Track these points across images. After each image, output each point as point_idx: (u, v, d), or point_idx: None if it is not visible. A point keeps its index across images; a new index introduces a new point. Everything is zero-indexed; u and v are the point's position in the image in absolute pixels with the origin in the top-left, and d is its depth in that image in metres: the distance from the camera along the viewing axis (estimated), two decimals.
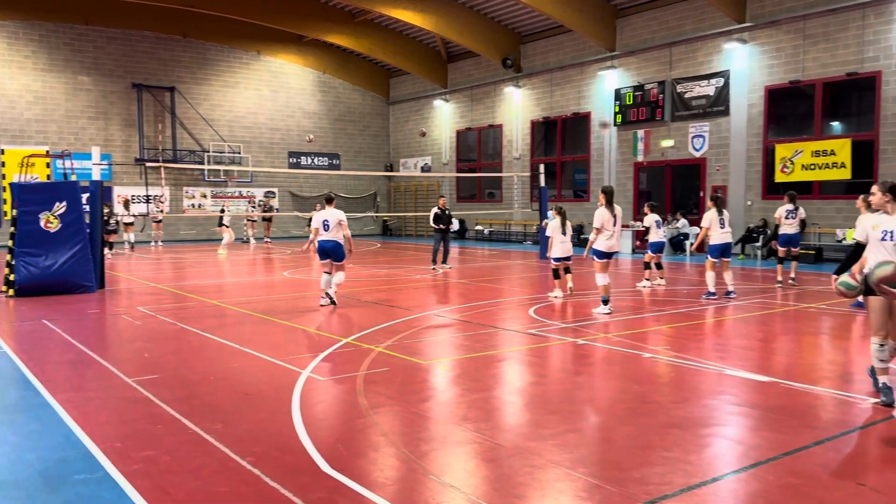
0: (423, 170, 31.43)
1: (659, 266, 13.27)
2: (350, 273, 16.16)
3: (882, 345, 5.54)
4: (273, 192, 30.19)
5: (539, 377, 6.69)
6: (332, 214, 10.64)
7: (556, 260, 11.83)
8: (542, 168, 20.94)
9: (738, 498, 3.86)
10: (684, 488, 3.92)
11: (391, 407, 5.57)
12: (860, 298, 5.75)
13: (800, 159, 18.19)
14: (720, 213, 11.79)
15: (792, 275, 13.28)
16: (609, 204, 10.25)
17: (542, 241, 20.10)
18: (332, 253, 10.60)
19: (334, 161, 31.85)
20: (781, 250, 13.35)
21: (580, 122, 24.64)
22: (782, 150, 18.57)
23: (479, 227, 29.00)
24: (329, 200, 11.01)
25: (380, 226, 33.71)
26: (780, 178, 18.67)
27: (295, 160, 30.79)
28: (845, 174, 17.47)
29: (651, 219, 13.27)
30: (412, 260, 19.85)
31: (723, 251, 11.76)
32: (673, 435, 4.86)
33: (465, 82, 29.10)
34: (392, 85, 33.24)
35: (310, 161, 31.17)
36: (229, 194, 29.17)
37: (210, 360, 7.30)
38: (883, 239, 5.51)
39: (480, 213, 28.20)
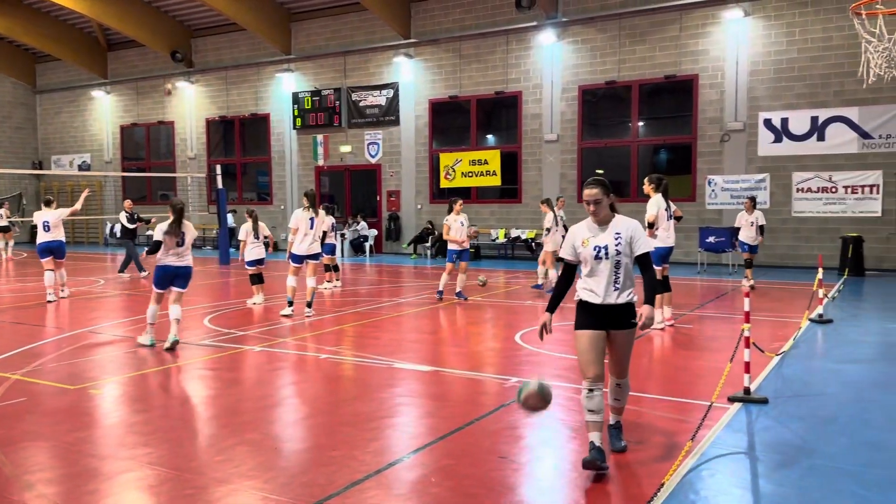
0: (81, 168, 28.02)
1: (336, 268, 13.60)
2: None
3: (591, 389, 4.25)
4: None
5: (211, 390, 6.35)
6: (53, 214, 12.17)
7: (250, 264, 11.42)
8: (219, 169, 20.09)
9: (399, 485, 4.07)
10: (349, 484, 4.02)
11: (29, 443, 4.80)
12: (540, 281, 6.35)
13: (460, 167, 20.12)
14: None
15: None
16: (310, 207, 10.17)
17: (221, 246, 19.29)
18: (56, 251, 12.06)
19: None
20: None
21: (259, 124, 24.19)
22: (445, 159, 20.37)
23: (150, 233, 26.74)
24: (48, 203, 12.79)
25: (27, 232, 29.23)
26: (444, 184, 20.45)
27: None
28: (496, 181, 19.79)
29: (328, 222, 13.56)
30: (70, 270, 17.50)
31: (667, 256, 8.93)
32: (342, 433, 4.96)
33: (128, 73, 26.64)
34: (39, 71, 29.06)
35: None
36: None
37: None
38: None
39: (152, 216, 26.03)
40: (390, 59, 21.23)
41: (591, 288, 4.36)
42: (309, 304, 10.15)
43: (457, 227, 11.56)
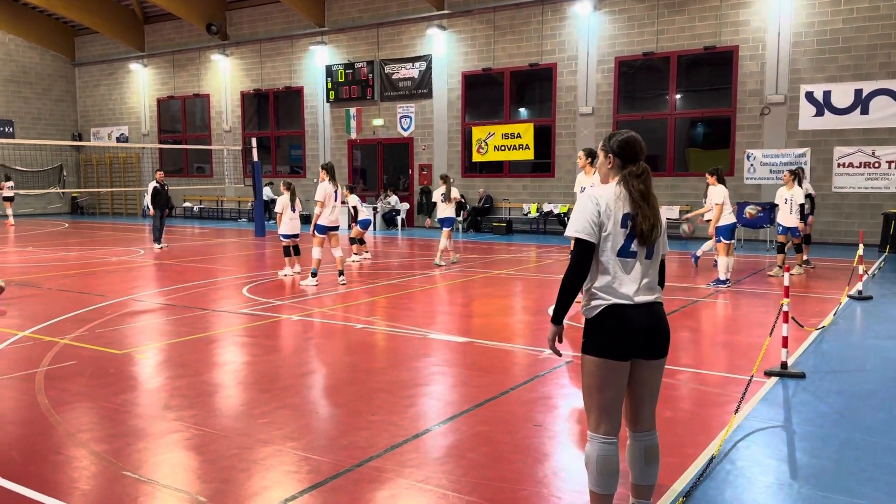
0: (119, 140, 28.51)
1: (362, 241, 13.74)
2: (30, 257, 14.13)
3: (608, 442, 3.02)
4: None
5: (251, 357, 6.51)
6: None
7: (285, 237, 11.58)
8: (254, 142, 20.29)
9: (436, 449, 4.16)
10: (389, 447, 4.12)
11: (79, 404, 5.00)
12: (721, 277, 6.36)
13: (493, 141, 20.04)
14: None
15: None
16: (332, 179, 10.36)
17: (257, 218, 19.55)
18: None
19: (7, 129, 27.43)
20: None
21: (293, 97, 24.31)
22: (478, 132, 20.29)
23: (187, 204, 27.24)
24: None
25: (68, 203, 29.95)
26: (476, 157, 20.40)
27: None
28: (529, 155, 19.67)
29: (354, 199, 13.88)
30: (109, 241, 17.98)
31: (732, 231, 10.37)
32: (379, 399, 5.07)
33: (165, 46, 26.92)
34: (78, 45, 29.50)
35: None
36: None
37: None
38: None
39: (188, 189, 26.50)
40: (423, 31, 21.11)
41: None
42: (341, 273, 10.41)
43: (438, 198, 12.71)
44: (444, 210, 12.62)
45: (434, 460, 3.99)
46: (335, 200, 10.43)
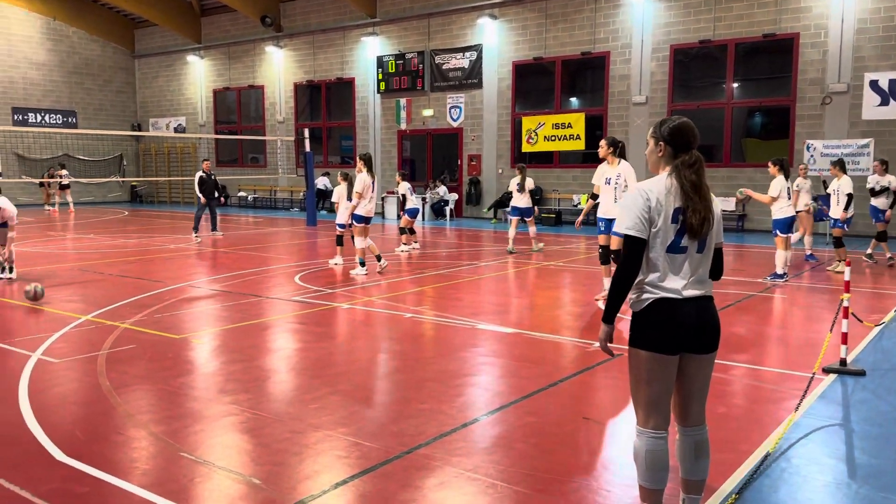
0: (176, 130, 29.26)
1: (412, 231, 13.78)
2: (92, 244, 14.65)
3: (657, 437, 2.96)
4: None
5: (303, 343, 6.64)
6: None
7: (340, 227, 11.72)
8: (306, 133, 20.57)
9: (484, 439, 4.18)
10: (438, 436, 4.16)
11: (139, 386, 5.18)
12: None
13: (543, 131, 19.87)
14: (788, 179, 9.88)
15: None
16: (369, 170, 10.49)
17: (308, 207, 19.84)
18: None
19: (70, 119, 28.44)
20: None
21: (344, 88, 24.54)
22: (528, 123, 20.14)
23: (242, 194, 27.82)
24: None
25: (127, 192, 30.91)
26: (526, 148, 20.27)
27: (21, 117, 26.97)
28: (580, 145, 19.45)
29: (404, 186, 13.90)
30: (166, 228, 18.51)
31: (790, 225, 9.88)
32: (428, 388, 5.11)
33: (221, 38, 27.46)
34: (137, 37, 30.33)
35: (39, 118, 27.50)
36: None
37: None
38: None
39: (243, 179, 27.06)
40: (474, 21, 21.03)
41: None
42: (379, 258, 10.57)
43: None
44: (519, 200, 13.02)
45: (482, 450, 4.01)
46: (372, 192, 10.58)
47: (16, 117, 26.81)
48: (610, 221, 7.94)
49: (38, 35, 27.52)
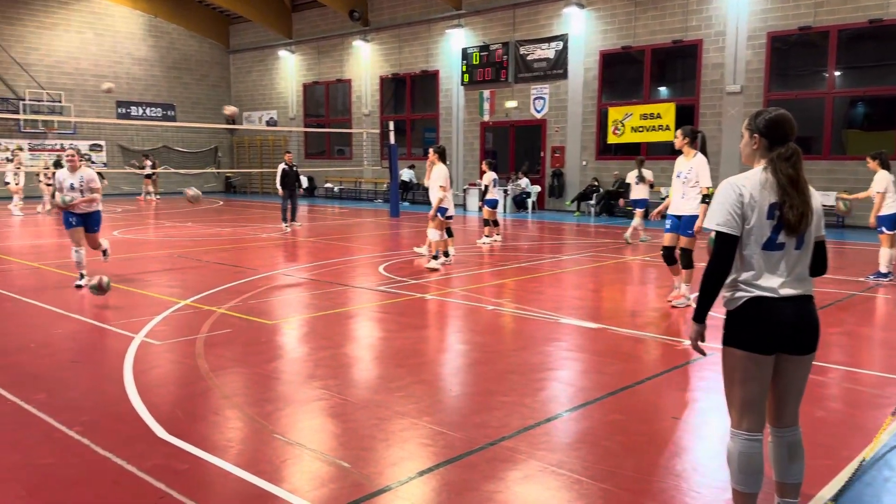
0: (268, 124, 30.26)
1: (495, 223, 13.70)
2: (189, 232, 15.36)
3: (752, 439, 2.88)
4: (100, 145, 27.85)
5: (388, 332, 6.77)
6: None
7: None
8: (391, 125, 20.85)
9: (569, 434, 4.15)
10: (521, 429, 4.16)
11: (234, 369, 5.41)
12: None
13: (630, 122, 19.41)
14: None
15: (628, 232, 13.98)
16: (443, 163, 10.49)
17: (392, 199, 20.14)
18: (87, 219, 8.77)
19: (169, 112, 29.85)
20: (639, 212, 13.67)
21: (429, 80, 24.71)
22: (614, 113, 19.71)
23: (328, 185, 28.51)
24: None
25: (222, 182, 32.21)
26: (612, 139, 19.85)
27: (124, 110, 28.51)
28: (670, 136, 18.86)
29: (489, 177, 13.78)
30: (258, 218, 19.20)
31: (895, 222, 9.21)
32: (511, 380, 5.12)
33: (311, 33, 28.16)
34: (232, 33, 31.49)
35: (141, 112, 29.00)
36: (49, 147, 26.45)
37: (29, 327, 6.70)
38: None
39: (330, 171, 27.73)
40: (560, 10, 20.74)
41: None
42: (446, 254, 10.59)
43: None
44: (638, 192, 13.29)
45: (566, 445, 3.98)
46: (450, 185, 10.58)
47: (120, 111, 28.36)
48: (678, 219, 7.66)
49: (141, 32, 28.99)
